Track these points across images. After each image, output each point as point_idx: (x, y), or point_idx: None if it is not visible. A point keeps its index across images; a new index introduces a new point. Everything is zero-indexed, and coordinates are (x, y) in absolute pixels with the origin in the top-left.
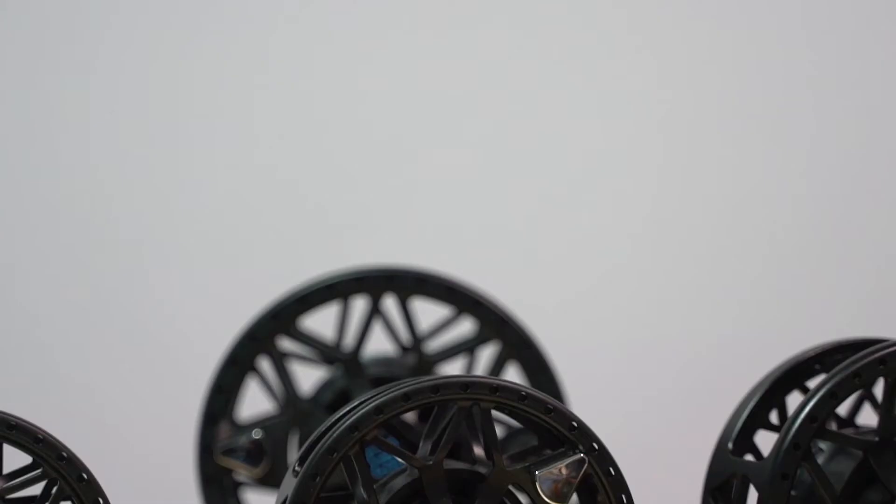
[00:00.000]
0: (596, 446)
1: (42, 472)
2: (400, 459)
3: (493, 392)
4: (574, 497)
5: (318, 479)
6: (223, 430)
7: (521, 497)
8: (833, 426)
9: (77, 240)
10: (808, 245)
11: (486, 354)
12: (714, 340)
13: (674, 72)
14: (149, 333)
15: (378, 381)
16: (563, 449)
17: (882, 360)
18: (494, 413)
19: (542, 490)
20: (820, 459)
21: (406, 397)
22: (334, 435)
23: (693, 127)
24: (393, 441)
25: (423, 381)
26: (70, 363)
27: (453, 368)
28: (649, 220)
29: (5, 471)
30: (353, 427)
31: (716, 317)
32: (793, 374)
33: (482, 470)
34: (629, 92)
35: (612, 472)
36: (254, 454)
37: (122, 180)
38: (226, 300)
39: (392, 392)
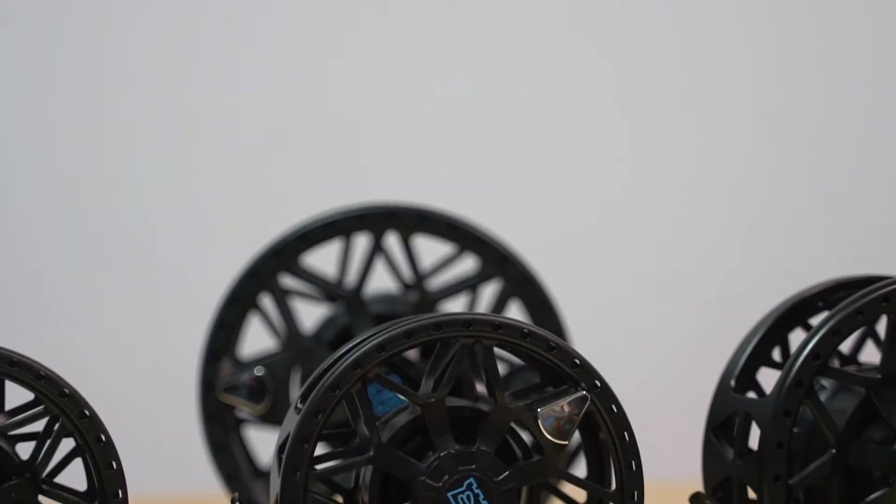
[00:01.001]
0: (598, 384)
1: (44, 408)
2: (402, 397)
3: (495, 329)
4: (576, 434)
5: (320, 416)
6: (225, 367)
7: (524, 434)
8: (836, 363)
9: (78, 178)
10: (811, 182)
11: (489, 292)
12: (717, 278)
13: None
14: (150, 272)
15: (380, 319)
16: (565, 386)
17: (885, 298)
18: (497, 350)
19: (544, 427)
20: (822, 397)
21: (408, 335)
22: (336, 372)
23: (694, 65)
24: (395, 378)
25: (426, 318)
26: (71, 301)
27: (455, 306)
28: (652, 157)
29: (7, 407)
30: (355, 364)
31: (719, 254)
32: (796, 312)
33: (484, 407)
34: (630, 29)
35: (615, 410)
36: (256, 391)
37: (123, 118)
38: (227, 238)
39: (394, 329)
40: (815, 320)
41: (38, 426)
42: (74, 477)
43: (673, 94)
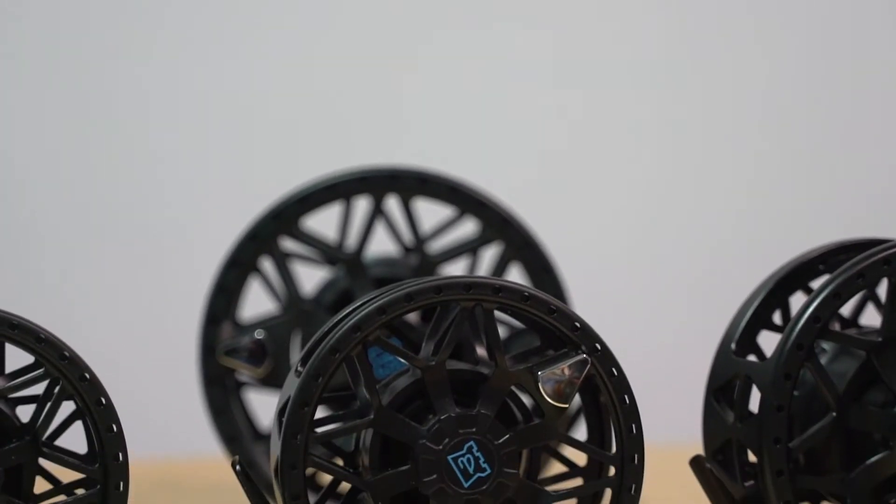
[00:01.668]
0: (598, 347)
1: (44, 371)
2: (402, 360)
3: (495, 292)
4: (576, 398)
5: (320, 379)
6: (225, 330)
7: (524, 397)
8: (836, 326)
9: (80, 140)
10: (813, 145)
11: (489, 255)
12: (718, 241)
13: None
14: (151, 234)
15: (380, 282)
16: (565, 349)
17: (886, 261)
18: (497, 313)
19: (544, 390)
20: (823, 360)
21: (409, 298)
22: (337, 335)
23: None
24: (395, 341)
25: (426, 281)
26: (71, 264)
27: (456, 269)
28: (654, 121)
29: (7, 370)
30: (356, 327)
31: (720, 217)
32: (796, 275)
33: (485, 370)
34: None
35: (615, 373)
36: (256, 354)
37: (125, 79)
38: (228, 200)
39: (395, 292)
40: (815, 283)
41: (39, 389)
42: (75, 440)
43: (672, 61)
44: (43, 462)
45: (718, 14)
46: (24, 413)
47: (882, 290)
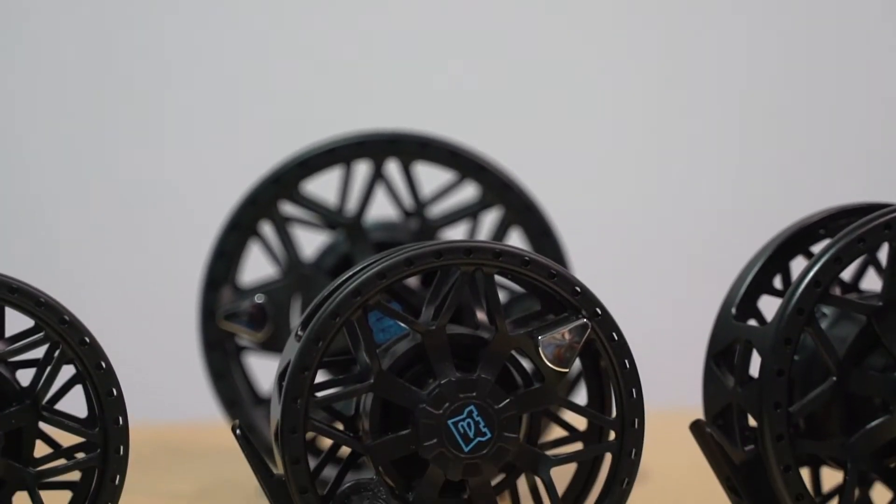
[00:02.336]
0: (599, 311)
1: (44, 335)
2: (402, 324)
3: (496, 257)
4: (577, 362)
5: (320, 343)
6: (226, 294)
7: (524, 362)
8: (837, 291)
9: (81, 102)
10: (813, 108)
11: (490, 219)
12: (718, 205)
13: None
14: (151, 198)
15: (381, 246)
16: (566, 314)
17: (887, 225)
18: (497, 278)
19: (544, 355)
20: (823, 324)
21: (409, 262)
22: (337, 299)
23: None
24: (395, 306)
25: (426, 245)
26: (71, 229)
27: (456, 233)
28: (654, 85)
29: (7, 334)
30: (356, 292)
31: (721, 181)
32: (797, 239)
33: (485, 335)
34: None
35: (615, 338)
36: (256, 318)
37: (127, 44)
38: (228, 164)
39: (395, 257)
40: (816, 248)
41: (39, 353)
42: (75, 404)
43: (681, 31)
44: (43, 426)
45: None
46: (24, 377)
47: (883, 254)
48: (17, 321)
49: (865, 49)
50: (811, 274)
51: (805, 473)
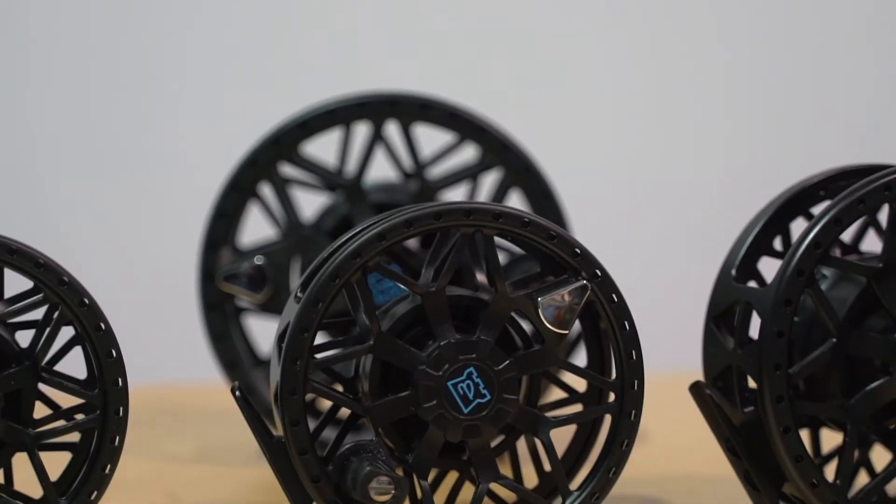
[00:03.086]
0: (599, 273)
1: (43, 296)
2: (402, 286)
3: (495, 218)
4: (576, 324)
5: (320, 305)
6: (225, 256)
7: (524, 324)
8: (837, 252)
9: (80, 69)
10: (814, 70)
11: (489, 181)
12: (719, 166)
13: None
14: (150, 161)
15: (380, 208)
16: (565, 276)
17: (888, 186)
18: (497, 239)
19: (544, 317)
20: (823, 286)
21: (408, 224)
22: (336, 261)
23: None
24: (395, 268)
25: (426, 207)
26: (70, 190)
27: (456, 195)
28: (654, 48)
29: (6, 296)
30: (356, 253)
31: (721, 143)
32: (797, 201)
33: (485, 297)
34: None
35: (615, 299)
36: (255, 280)
37: (126, 9)
38: (227, 125)
39: (394, 218)
40: (816, 209)
41: (38, 314)
42: (74, 365)
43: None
44: (42, 387)
45: None
46: (24, 338)
47: (883, 215)
48: (16, 282)
49: (868, 8)
50: (811, 235)
51: (805, 435)
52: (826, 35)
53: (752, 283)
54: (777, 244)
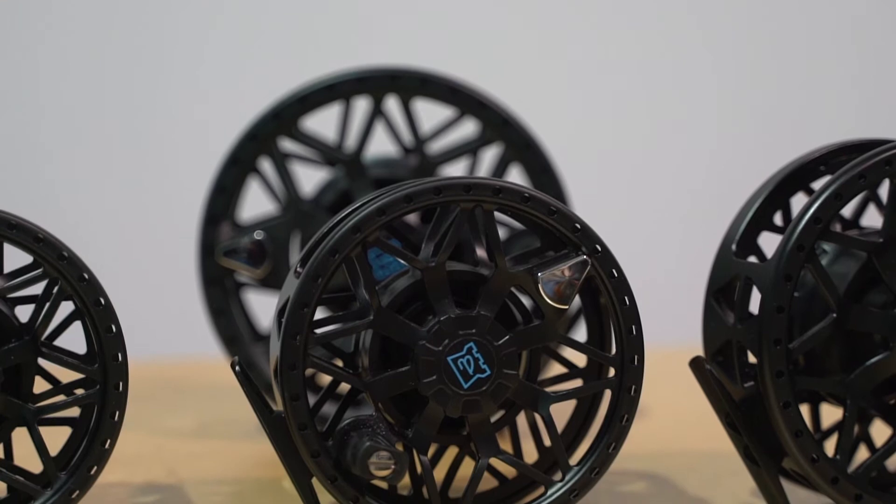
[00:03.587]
0: (599, 248)
1: (43, 271)
2: (402, 261)
3: (495, 193)
4: (576, 299)
5: (319, 280)
6: (225, 231)
7: (524, 299)
8: (837, 227)
9: (81, 39)
10: (815, 44)
11: (489, 156)
12: (718, 141)
13: None
14: (151, 133)
15: (380, 183)
16: (565, 251)
17: (888, 161)
18: (497, 214)
19: (544, 292)
20: (824, 261)
21: (408, 199)
22: (336, 236)
23: None
24: (395, 243)
25: (426, 182)
26: (69, 164)
27: (456, 170)
28: (656, 22)
29: (6, 271)
30: (355, 228)
31: (722, 118)
32: (797, 176)
33: (485, 272)
34: None
35: (615, 274)
36: (255, 255)
37: None
38: (227, 100)
39: (394, 193)
40: (817, 184)
41: (38, 289)
42: (74, 340)
43: None
44: (42, 362)
45: None
46: (24, 314)
47: (883, 190)
48: (15, 257)
49: None
50: (812, 210)
51: (804, 410)
52: (826, 9)
53: (753, 259)
54: (777, 219)
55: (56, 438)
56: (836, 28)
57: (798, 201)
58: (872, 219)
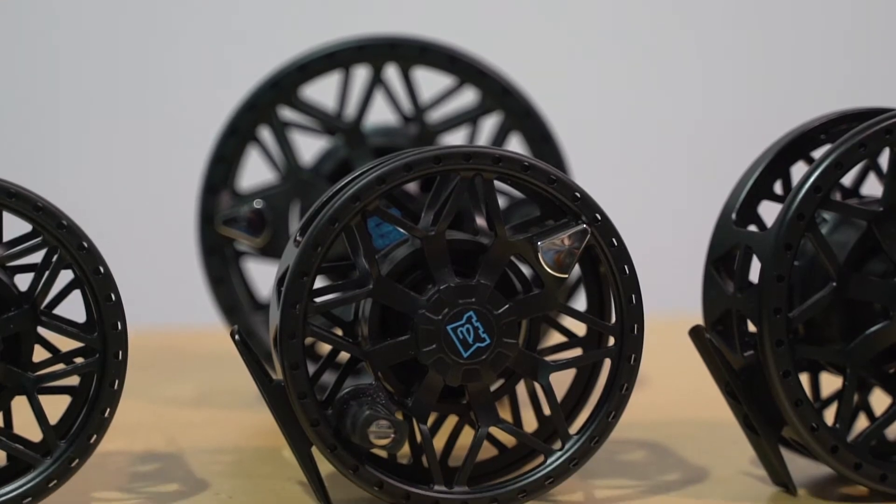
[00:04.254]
0: (599, 217)
1: (42, 240)
2: (402, 230)
3: (495, 162)
4: (576, 268)
5: (319, 248)
6: (224, 200)
7: (524, 268)
8: (837, 196)
9: (81, 11)
10: (815, 13)
11: (489, 125)
12: (719, 110)
13: None
14: (150, 103)
15: (380, 152)
16: (565, 220)
17: (888, 130)
18: (497, 183)
19: (544, 261)
20: (824, 230)
21: (408, 167)
22: (336, 205)
23: None
24: (394, 212)
25: (426, 151)
26: (69, 133)
27: (456, 139)
28: None
29: (6, 240)
30: (355, 197)
31: (722, 86)
32: (798, 145)
33: (484, 241)
34: None
35: (615, 243)
36: (255, 224)
37: None
38: (226, 69)
39: (394, 162)
40: (817, 153)
41: (37, 258)
42: (73, 309)
43: None
44: (42, 331)
45: None
46: (23, 282)
47: (883, 159)
48: (15, 226)
49: None
50: (812, 179)
51: (804, 379)
52: None
53: (753, 227)
54: (777, 188)
55: (55, 407)
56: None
57: (798, 170)
58: (872, 188)
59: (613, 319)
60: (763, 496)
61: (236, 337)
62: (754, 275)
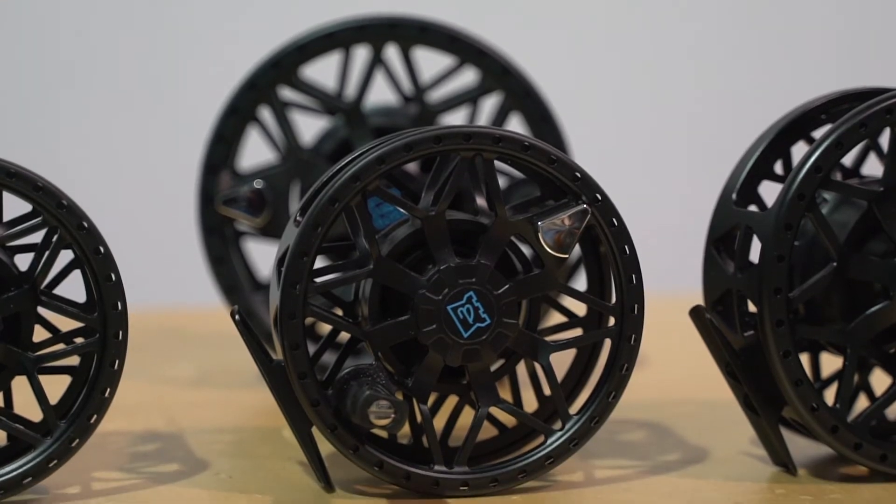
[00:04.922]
0: (599, 197)
1: (42, 220)
2: (402, 210)
3: (496, 142)
4: (576, 248)
5: (319, 229)
6: (224, 179)
7: (524, 248)
8: (838, 176)
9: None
10: None
11: (490, 105)
12: (719, 89)
13: None
14: (149, 83)
15: (380, 132)
16: (566, 200)
17: (889, 110)
18: (497, 163)
19: (544, 241)
20: (824, 210)
21: (408, 147)
22: (336, 185)
23: None
24: (395, 192)
25: (426, 131)
26: (69, 111)
27: (456, 119)
28: None
29: (6, 219)
30: (355, 177)
31: (721, 66)
32: (798, 125)
33: (484, 221)
34: None
35: (615, 223)
36: (255, 204)
37: None
38: (227, 48)
39: (394, 142)
40: (817, 133)
41: (37, 238)
42: (74, 289)
43: None
44: (42, 311)
45: None
46: (23, 262)
47: (884, 139)
48: (15, 206)
49: None
50: (812, 159)
51: (804, 359)
52: None
53: (753, 207)
54: (778, 168)
55: (56, 387)
56: None
57: (799, 150)
58: (873, 167)
59: (614, 299)
60: (763, 476)
61: (236, 317)
62: (755, 255)
